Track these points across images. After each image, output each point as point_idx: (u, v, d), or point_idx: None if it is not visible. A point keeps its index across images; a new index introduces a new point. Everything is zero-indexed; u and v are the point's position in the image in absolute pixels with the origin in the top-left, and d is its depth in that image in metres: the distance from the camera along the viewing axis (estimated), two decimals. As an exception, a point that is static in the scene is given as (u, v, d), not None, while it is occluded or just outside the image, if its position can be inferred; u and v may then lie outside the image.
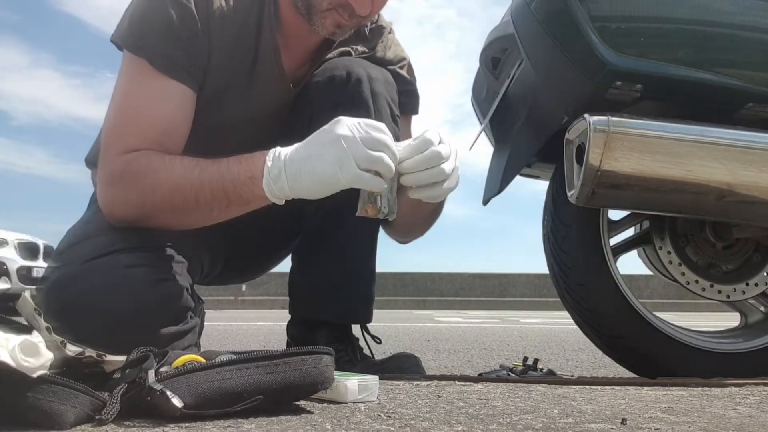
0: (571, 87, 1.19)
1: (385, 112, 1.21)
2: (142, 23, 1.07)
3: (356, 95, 1.19)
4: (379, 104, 1.21)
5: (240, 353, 0.77)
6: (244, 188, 0.98)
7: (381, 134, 0.93)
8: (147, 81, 1.06)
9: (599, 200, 1.15)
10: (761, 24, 1.21)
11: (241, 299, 10.94)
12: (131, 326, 0.96)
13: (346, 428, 0.67)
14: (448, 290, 12.26)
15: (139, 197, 1.03)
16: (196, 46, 1.09)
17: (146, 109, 1.07)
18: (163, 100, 1.07)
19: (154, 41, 1.06)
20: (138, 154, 1.04)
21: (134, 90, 1.08)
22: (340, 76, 1.20)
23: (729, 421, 0.73)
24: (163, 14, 1.06)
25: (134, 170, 1.03)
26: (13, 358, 0.60)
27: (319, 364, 0.76)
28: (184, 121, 1.10)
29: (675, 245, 1.38)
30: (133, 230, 1.04)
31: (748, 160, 1.15)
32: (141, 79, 1.07)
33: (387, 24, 1.34)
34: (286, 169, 0.95)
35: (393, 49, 1.34)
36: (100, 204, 1.07)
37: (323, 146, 0.93)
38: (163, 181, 1.01)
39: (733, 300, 1.39)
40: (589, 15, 1.13)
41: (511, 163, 1.41)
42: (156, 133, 1.06)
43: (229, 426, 0.68)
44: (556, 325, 5.70)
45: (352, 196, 0.98)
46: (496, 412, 0.77)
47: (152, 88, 1.07)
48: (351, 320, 1.29)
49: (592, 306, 1.34)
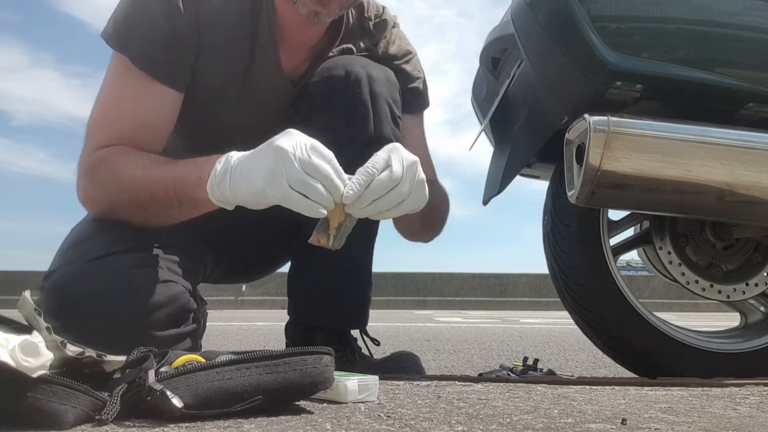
0: (571, 87, 1.19)
1: (385, 114, 1.19)
2: (126, 20, 1.06)
3: (355, 96, 1.16)
4: (379, 106, 1.18)
5: (240, 353, 0.77)
6: (191, 189, 0.96)
7: (324, 163, 0.85)
8: (128, 79, 1.06)
9: (599, 200, 1.15)
10: (761, 24, 1.21)
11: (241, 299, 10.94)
12: (132, 327, 0.96)
13: (346, 428, 0.67)
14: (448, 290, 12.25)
15: (103, 193, 1.04)
16: (181, 44, 1.07)
17: (123, 108, 1.07)
18: (140, 99, 1.06)
19: (137, 39, 1.05)
20: (107, 150, 1.04)
21: (115, 88, 1.08)
22: (339, 76, 1.17)
23: (729, 421, 0.73)
24: (147, 11, 1.05)
25: (100, 166, 1.04)
26: (13, 358, 0.60)
27: (319, 364, 0.76)
28: (163, 120, 1.09)
29: (675, 245, 1.38)
30: (135, 230, 1.04)
31: (748, 160, 1.15)
32: (123, 77, 1.07)
33: (391, 18, 1.30)
34: (231, 174, 0.90)
35: (397, 43, 1.30)
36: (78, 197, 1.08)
37: (261, 158, 0.87)
38: (123, 179, 1.01)
39: (733, 300, 1.39)
40: (589, 15, 1.13)
41: (511, 163, 1.41)
42: (130, 130, 1.05)
43: (229, 426, 0.68)
44: (556, 325, 5.69)
45: None
46: (496, 412, 0.77)
47: (131, 87, 1.06)
48: (347, 326, 1.29)
49: (592, 306, 1.33)
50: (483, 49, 1.57)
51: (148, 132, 1.07)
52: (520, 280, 12.50)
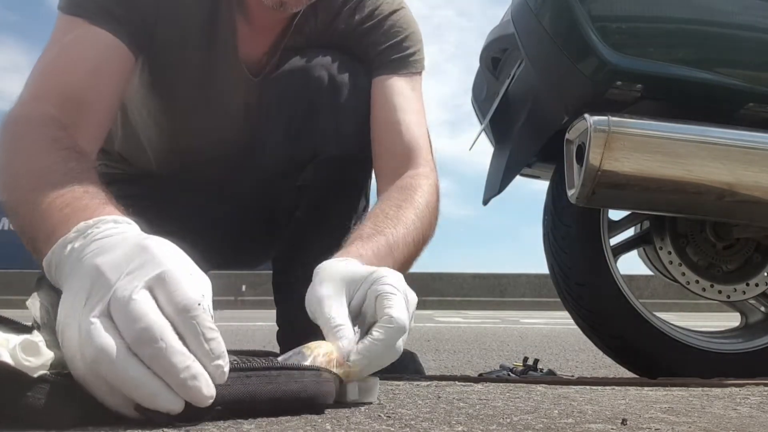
0: (571, 87, 1.19)
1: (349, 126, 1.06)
2: None
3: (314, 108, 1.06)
4: (342, 118, 1.06)
5: (239, 353, 0.77)
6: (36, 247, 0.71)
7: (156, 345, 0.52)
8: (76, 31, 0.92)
9: (599, 200, 1.15)
10: (761, 24, 1.21)
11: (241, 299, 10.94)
12: None
13: (346, 428, 0.67)
14: (448, 290, 12.25)
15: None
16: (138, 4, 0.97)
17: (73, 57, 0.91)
18: (91, 50, 0.92)
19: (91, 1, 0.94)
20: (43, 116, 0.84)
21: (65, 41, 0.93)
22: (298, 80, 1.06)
23: (729, 422, 0.73)
24: None
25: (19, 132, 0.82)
26: (13, 358, 0.60)
27: (319, 378, 0.76)
28: (113, 82, 0.94)
29: (675, 245, 1.38)
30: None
31: (749, 160, 1.15)
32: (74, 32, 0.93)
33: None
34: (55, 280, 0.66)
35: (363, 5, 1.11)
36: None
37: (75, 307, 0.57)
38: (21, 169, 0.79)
39: (733, 300, 1.40)
40: (589, 15, 1.13)
41: (511, 163, 1.41)
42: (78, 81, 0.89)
43: (229, 426, 0.68)
44: (556, 325, 5.70)
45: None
46: (496, 412, 0.77)
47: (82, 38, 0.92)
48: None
49: (592, 306, 1.34)
50: (483, 49, 1.57)
51: (98, 90, 0.91)
52: (520, 280, 12.51)
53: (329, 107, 1.05)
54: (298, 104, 1.06)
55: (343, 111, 1.05)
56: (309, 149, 1.07)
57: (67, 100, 0.86)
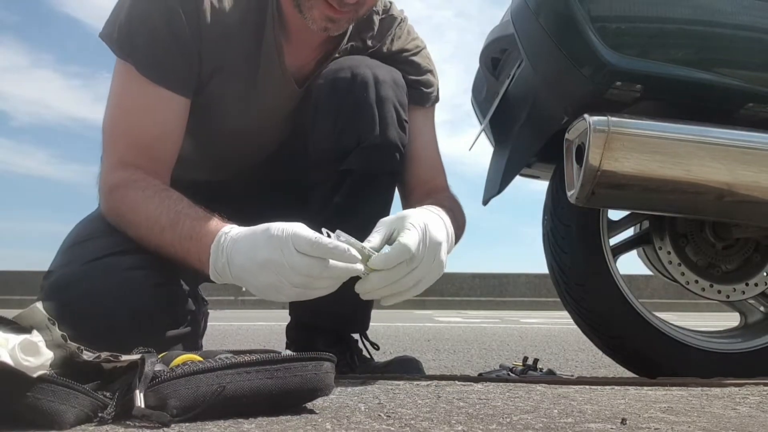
0: (571, 87, 1.19)
1: (391, 118, 1.16)
2: (128, 26, 1.05)
3: (360, 100, 1.15)
4: (385, 110, 1.16)
5: (239, 352, 0.77)
6: (194, 265, 0.97)
7: (310, 260, 0.85)
8: (136, 88, 1.06)
9: (599, 200, 1.15)
10: (761, 24, 1.21)
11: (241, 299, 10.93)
12: (131, 329, 0.95)
13: (346, 428, 0.67)
14: (448, 290, 12.24)
15: (120, 227, 1.05)
16: (184, 50, 1.07)
17: (136, 119, 1.07)
18: (151, 108, 1.07)
19: (140, 46, 1.05)
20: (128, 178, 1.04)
21: (124, 97, 1.09)
22: (345, 78, 1.15)
23: (729, 421, 0.73)
24: (148, 17, 1.04)
25: (115, 208, 1.05)
26: (13, 358, 0.60)
27: (320, 371, 0.76)
28: (176, 128, 1.10)
29: (675, 245, 1.38)
30: None
31: (748, 160, 1.15)
32: (130, 85, 1.07)
33: (398, 14, 1.28)
34: (230, 271, 0.91)
35: (403, 38, 1.27)
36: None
37: (255, 269, 0.88)
38: (139, 220, 1.02)
39: (732, 300, 1.40)
40: (589, 15, 1.13)
41: (511, 163, 1.41)
42: (146, 140, 1.07)
43: (229, 426, 0.68)
44: (556, 325, 5.69)
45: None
46: (496, 412, 0.77)
47: (141, 96, 1.06)
48: (349, 329, 1.28)
49: (591, 306, 1.33)
50: (483, 49, 1.57)
51: (164, 142, 1.08)
52: (520, 280, 12.50)
53: (374, 99, 1.15)
54: (345, 99, 1.15)
55: (386, 103, 1.16)
56: (354, 138, 1.16)
57: (146, 158, 1.06)
